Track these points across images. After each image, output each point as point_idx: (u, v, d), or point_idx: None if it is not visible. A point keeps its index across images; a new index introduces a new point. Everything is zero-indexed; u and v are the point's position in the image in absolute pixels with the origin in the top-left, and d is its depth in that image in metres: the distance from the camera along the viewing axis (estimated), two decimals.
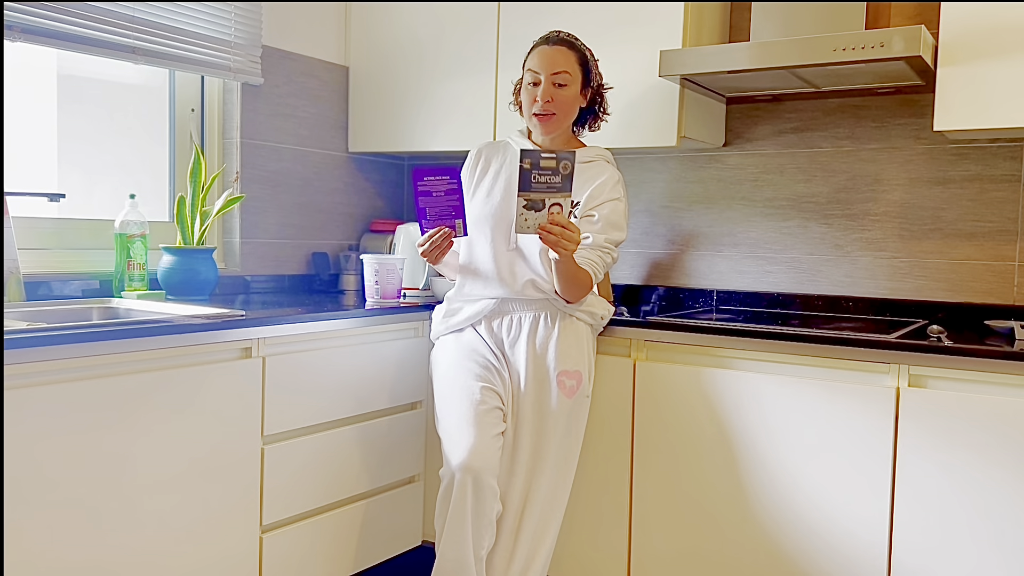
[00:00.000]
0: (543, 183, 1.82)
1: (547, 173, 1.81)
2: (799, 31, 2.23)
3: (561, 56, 2.03)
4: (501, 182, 2.10)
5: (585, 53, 2.08)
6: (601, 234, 2.03)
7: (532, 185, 1.82)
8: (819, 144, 2.50)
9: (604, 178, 2.07)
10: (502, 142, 2.21)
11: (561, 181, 1.82)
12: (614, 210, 2.06)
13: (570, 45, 2.06)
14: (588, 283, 2.00)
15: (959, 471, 1.80)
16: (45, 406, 1.56)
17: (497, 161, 2.15)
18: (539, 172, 1.81)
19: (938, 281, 2.34)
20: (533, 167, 1.81)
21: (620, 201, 2.08)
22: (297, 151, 2.82)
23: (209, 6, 2.49)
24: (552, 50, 2.04)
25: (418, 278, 2.59)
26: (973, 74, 1.99)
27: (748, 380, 2.03)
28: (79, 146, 2.47)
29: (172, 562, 1.80)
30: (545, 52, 2.05)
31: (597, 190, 2.05)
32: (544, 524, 2.07)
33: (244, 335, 1.92)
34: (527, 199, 1.82)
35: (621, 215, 2.08)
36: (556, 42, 2.06)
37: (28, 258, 2.20)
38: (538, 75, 2.04)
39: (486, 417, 1.98)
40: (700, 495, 2.10)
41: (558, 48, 2.05)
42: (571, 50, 2.05)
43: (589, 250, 2.01)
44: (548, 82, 2.02)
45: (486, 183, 2.13)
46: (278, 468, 2.01)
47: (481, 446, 1.94)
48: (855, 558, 1.91)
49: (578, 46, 2.07)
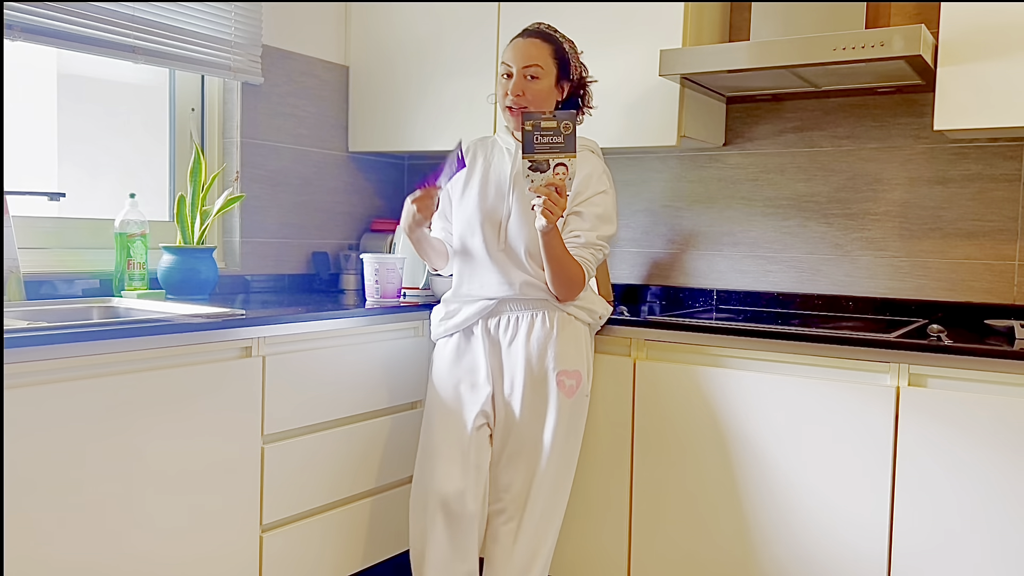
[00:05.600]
0: (546, 144, 1.84)
1: (549, 134, 1.84)
2: (799, 30, 2.23)
3: (534, 49, 2.02)
4: (491, 180, 2.10)
5: (562, 46, 2.05)
6: (592, 231, 2.02)
7: (535, 147, 1.84)
8: (819, 144, 2.50)
9: (589, 170, 2.04)
10: (489, 138, 2.20)
11: (564, 141, 1.84)
12: (602, 204, 2.04)
13: (545, 37, 2.04)
14: (580, 278, 1.99)
15: (959, 470, 1.80)
16: (45, 405, 1.56)
17: (483, 157, 2.14)
18: (541, 134, 1.84)
19: (938, 280, 2.34)
20: (535, 129, 1.84)
21: (607, 193, 2.06)
22: (297, 151, 2.82)
23: (209, 6, 2.49)
24: (525, 43, 2.03)
25: (418, 278, 2.59)
26: (973, 74, 1.99)
27: (748, 379, 2.03)
28: (79, 146, 2.48)
29: (172, 561, 1.79)
30: (518, 45, 2.04)
31: (583, 184, 2.03)
32: (544, 524, 2.07)
33: (244, 334, 1.92)
34: (532, 160, 1.85)
35: (609, 208, 2.06)
36: (531, 34, 2.05)
37: (28, 257, 2.20)
38: (510, 68, 2.03)
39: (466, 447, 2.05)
40: (700, 494, 2.10)
41: (532, 41, 2.03)
42: (546, 42, 2.03)
43: (581, 248, 2.00)
44: (519, 75, 2.01)
45: (475, 181, 2.11)
46: (278, 467, 2.01)
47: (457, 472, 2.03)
48: (855, 558, 1.91)
49: (554, 38, 2.05)
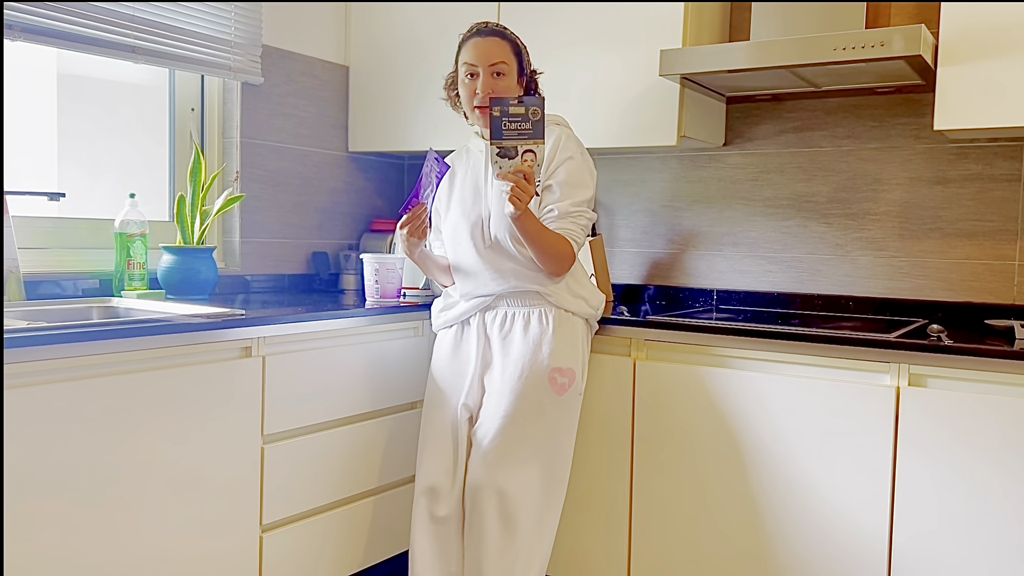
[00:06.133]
0: (513, 130, 1.82)
1: (517, 120, 1.82)
2: (799, 30, 2.23)
3: (496, 47, 2.03)
4: (468, 184, 2.10)
5: (517, 42, 2.07)
6: (565, 200, 2.00)
7: (503, 133, 1.82)
8: (819, 144, 2.50)
9: (551, 141, 2.02)
10: (463, 148, 2.21)
11: (532, 127, 1.83)
12: (569, 171, 2.02)
13: (502, 35, 2.05)
14: (566, 250, 1.98)
15: (959, 470, 1.80)
16: (45, 405, 1.56)
17: (462, 168, 2.15)
18: (509, 120, 1.82)
19: (938, 280, 2.34)
20: (503, 115, 1.82)
21: (573, 159, 2.03)
22: (297, 151, 2.82)
23: (209, 6, 2.48)
24: (486, 41, 2.03)
25: (418, 277, 2.59)
26: (973, 74, 1.99)
27: (748, 379, 2.03)
28: (79, 146, 2.47)
29: (172, 561, 1.79)
30: (480, 44, 2.03)
31: (548, 157, 2.01)
32: (538, 524, 2.06)
33: (244, 334, 1.92)
34: (500, 147, 1.83)
35: (580, 172, 2.03)
36: (488, 33, 2.05)
37: (28, 257, 2.20)
38: (475, 67, 2.02)
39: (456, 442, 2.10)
40: (700, 494, 2.10)
41: (492, 39, 2.03)
42: (504, 40, 2.04)
43: (558, 220, 1.98)
44: (487, 73, 2.01)
45: (456, 190, 2.13)
46: (278, 467, 2.01)
47: (444, 466, 2.09)
48: (855, 557, 1.91)
49: (509, 35, 2.06)
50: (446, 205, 2.14)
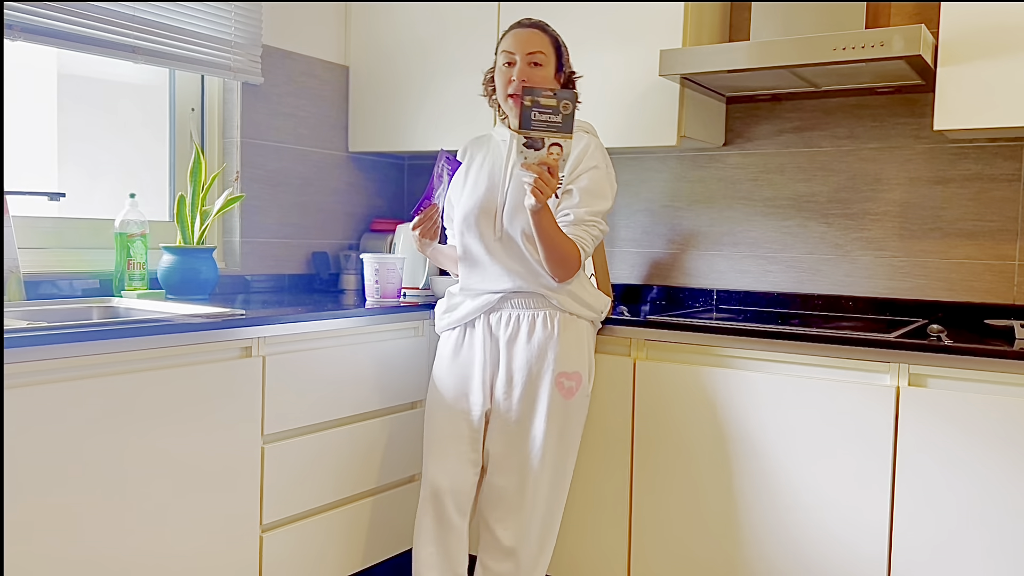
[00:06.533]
0: (543, 121, 1.80)
1: (547, 112, 1.80)
2: (799, 30, 2.23)
3: (536, 37, 2.03)
4: (485, 173, 2.09)
5: (557, 38, 2.07)
6: (582, 207, 1.99)
7: (532, 123, 1.80)
8: (819, 144, 2.50)
9: (579, 148, 2.02)
10: (485, 136, 2.20)
11: (561, 120, 1.80)
12: (592, 179, 2.01)
13: (544, 28, 2.06)
14: (574, 256, 1.96)
15: (959, 470, 1.80)
16: (45, 405, 1.56)
17: (481, 154, 2.14)
18: (539, 110, 1.80)
19: (938, 280, 2.34)
20: (534, 105, 1.80)
21: (598, 169, 2.03)
22: (297, 151, 2.82)
23: (209, 6, 2.49)
24: (527, 32, 2.04)
25: (418, 277, 2.59)
26: (973, 74, 1.99)
27: (748, 379, 2.03)
28: (79, 146, 2.48)
29: (172, 561, 1.79)
30: (519, 34, 2.04)
31: (575, 162, 2.01)
32: (542, 526, 2.06)
33: (244, 334, 1.92)
34: (527, 136, 1.80)
35: (602, 183, 2.03)
36: (530, 25, 2.06)
37: (28, 257, 2.20)
38: (513, 55, 2.02)
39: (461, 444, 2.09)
40: (700, 494, 2.10)
41: (532, 31, 2.04)
42: (545, 33, 2.05)
43: (573, 226, 1.98)
44: (524, 62, 2.01)
45: (471, 176, 2.11)
46: (278, 467, 2.01)
47: (449, 468, 2.07)
48: (855, 557, 1.91)
49: (550, 31, 2.07)
50: (459, 192, 2.13)
